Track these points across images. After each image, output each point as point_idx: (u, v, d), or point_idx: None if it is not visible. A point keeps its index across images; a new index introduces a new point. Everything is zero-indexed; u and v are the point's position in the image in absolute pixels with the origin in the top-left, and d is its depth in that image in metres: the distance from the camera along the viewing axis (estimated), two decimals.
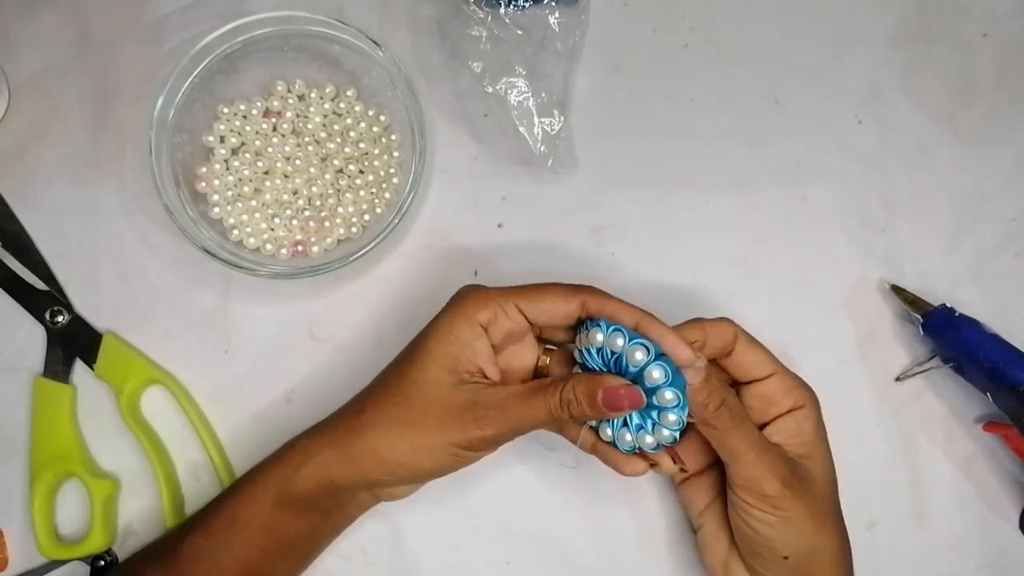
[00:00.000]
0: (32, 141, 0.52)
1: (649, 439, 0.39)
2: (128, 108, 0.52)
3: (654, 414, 0.38)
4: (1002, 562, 0.49)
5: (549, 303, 0.40)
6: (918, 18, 0.53)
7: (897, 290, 0.49)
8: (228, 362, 0.50)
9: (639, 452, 0.40)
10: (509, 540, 0.48)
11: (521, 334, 0.42)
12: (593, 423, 0.41)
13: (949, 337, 0.47)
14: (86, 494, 0.47)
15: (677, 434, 0.39)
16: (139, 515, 0.49)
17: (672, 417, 0.38)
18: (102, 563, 0.47)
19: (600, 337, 0.39)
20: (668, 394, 0.37)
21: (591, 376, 0.39)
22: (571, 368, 0.42)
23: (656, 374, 0.37)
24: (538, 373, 0.43)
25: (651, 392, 0.38)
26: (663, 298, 0.50)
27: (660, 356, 0.38)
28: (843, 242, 0.51)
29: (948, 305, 0.47)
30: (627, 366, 0.38)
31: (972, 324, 0.46)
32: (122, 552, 0.48)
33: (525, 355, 0.43)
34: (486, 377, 0.41)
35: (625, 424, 0.39)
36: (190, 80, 0.49)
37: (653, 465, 0.40)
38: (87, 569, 0.47)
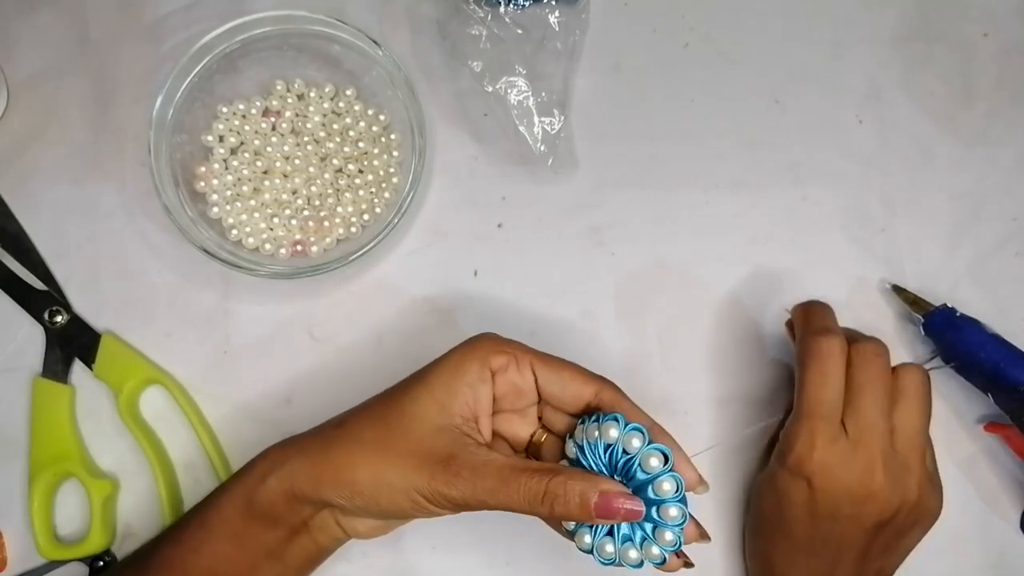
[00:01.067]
0: (31, 141, 0.52)
1: (633, 554, 0.36)
2: (127, 108, 0.52)
3: (648, 528, 0.36)
4: (1002, 562, 0.49)
5: (568, 376, 0.39)
6: (918, 18, 0.53)
7: (898, 290, 0.49)
8: (228, 362, 0.50)
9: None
10: (509, 540, 0.48)
11: (524, 399, 0.40)
12: (571, 525, 0.37)
13: (950, 337, 0.47)
14: (85, 494, 0.47)
15: (667, 553, 0.36)
16: (138, 515, 0.48)
17: (669, 536, 0.35)
18: (101, 563, 0.47)
19: (615, 433, 0.36)
20: (674, 511, 0.35)
21: (588, 474, 0.35)
22: (562, 456, 0.39)
23: (667, 486, 0.35)
24: (528, 451, 0.41)
25: (653, 504, 0.35)
26: (663, 299, 0.50)
27: (673, 468, 0.36)
28: (843, 242, 0.51)
29: (949, 305, 0.47)
30: (636, 471, 0.36)
31: (973, 324, 0.46)
32: (120, 552, 0.48)
33: (521, 426, 0.41)
34: (478, 430, 0.38)
35: (610, 533, 0.36)
36: (189, 80, 0.49)
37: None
38: (86, 569, 0.47)
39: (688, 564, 0.38)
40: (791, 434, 0.42)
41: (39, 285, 0.50)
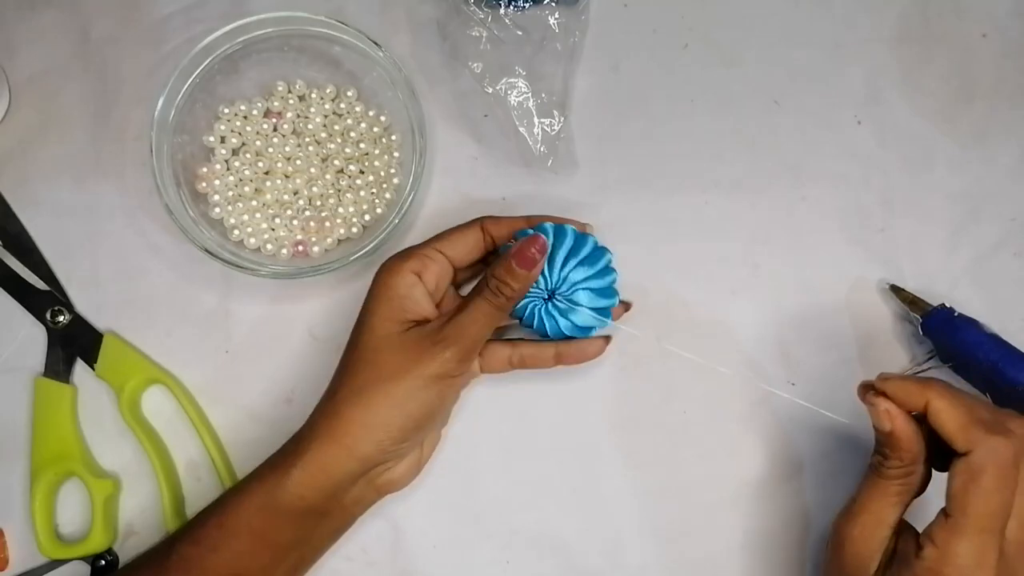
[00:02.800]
0: (32, 141, 0.52)
1: (595, 294, 0.44)
2: (128, 108, 0.52)
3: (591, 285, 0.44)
4: None
5: (457, 237, 0.44)
6: (918, 18, 0.53)
7: (896, 290, 0.49)
8: (228, 362, 0.50)
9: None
10: (509, 540, 0.48)
11: (450, 273, 0.45)
12: (564, 332, 0.44)
13: (948, 337, 0.47)
14: (87, 494, 0.47)
15: (614, 276, 0.45)
16: (140, 515, 0.49)
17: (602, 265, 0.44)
18: (103, 563, 0.47)
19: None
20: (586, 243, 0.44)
21: (499, 256, 0.42)
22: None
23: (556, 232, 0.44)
24: None
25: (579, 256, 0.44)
26: (663, 298, 0.50)
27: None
28: (842, 242, 0.51)
29: (947, 305, 0.47)
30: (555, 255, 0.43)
31: (971, 324, 0.46)
32: (122, 551, 0.48)
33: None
34: (429, 319, 0.43)
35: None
36: (191, 80, 0.49)
37: (608, 339, 0.46)
38: (88, 569, 0.47)
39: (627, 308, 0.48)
40: (953, 551, 0.35)
41: (41, 285, 0.50)
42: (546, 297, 0.44)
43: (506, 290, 0.41)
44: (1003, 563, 0.35)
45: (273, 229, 0.50)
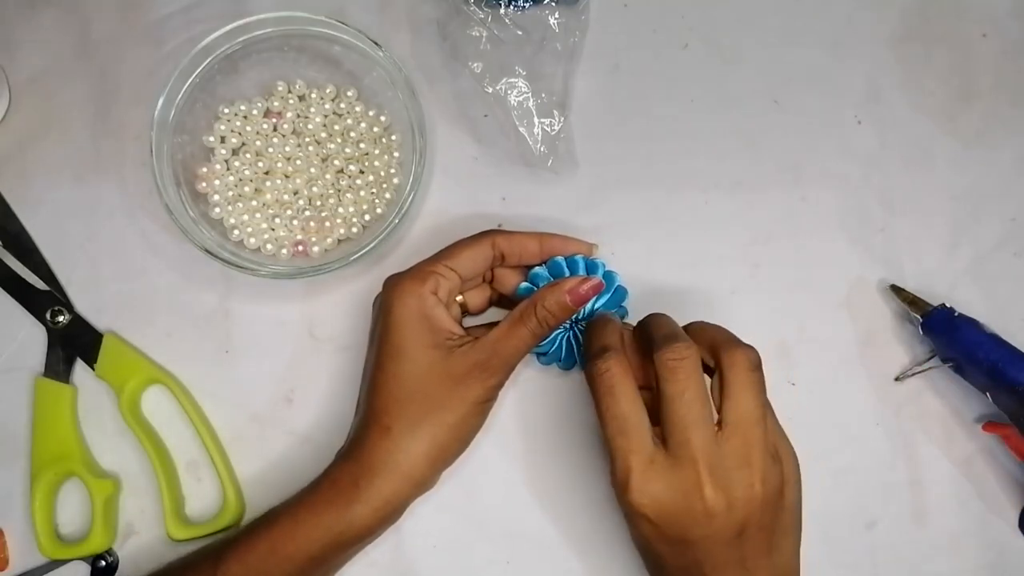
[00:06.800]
0: (32, 141, 0.52)
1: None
2: (128, 108, 0.52)
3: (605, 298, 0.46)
4: (1001, 562, 0.49)
5: (467, 253, 0.44)
6: (918, 18, 0.53)
7: (896, 290, 0.49)
8: (228, 362, 0.50)
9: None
10: (509, 540, 0.48)
11: (458, 288, 0.45)
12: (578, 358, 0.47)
13: (948, 337, 0.47)
14: (87, 494, 0.47)
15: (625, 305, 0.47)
16: (140, 515, 0.49)
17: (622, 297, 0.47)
18: (103, 563, 0.47)
19: (523, 282, 0.46)
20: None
21: (550, 288, 0.43)
22: (486, 301, 0.48)
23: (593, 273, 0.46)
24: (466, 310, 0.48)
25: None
26: (663, 298, 0.50)
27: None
28: (842, 242, 0.51)
29: (947, 305, 0.47)
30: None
31: (971, 324, 0.47)
32: (122, 551, 0.48)
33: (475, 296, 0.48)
34: (459, 334, 0.44)
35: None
36: (191, 80, 0.49)
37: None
38: (88, 569, 0.47)
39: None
40: (611, 469, 0.38)
41: (41, 285, 0.50)
42: (569, 326, 0.46)
43: (552, 321, 0.43)
44: (656, 473, 0.37)
45: (273, 229, 0.50)
